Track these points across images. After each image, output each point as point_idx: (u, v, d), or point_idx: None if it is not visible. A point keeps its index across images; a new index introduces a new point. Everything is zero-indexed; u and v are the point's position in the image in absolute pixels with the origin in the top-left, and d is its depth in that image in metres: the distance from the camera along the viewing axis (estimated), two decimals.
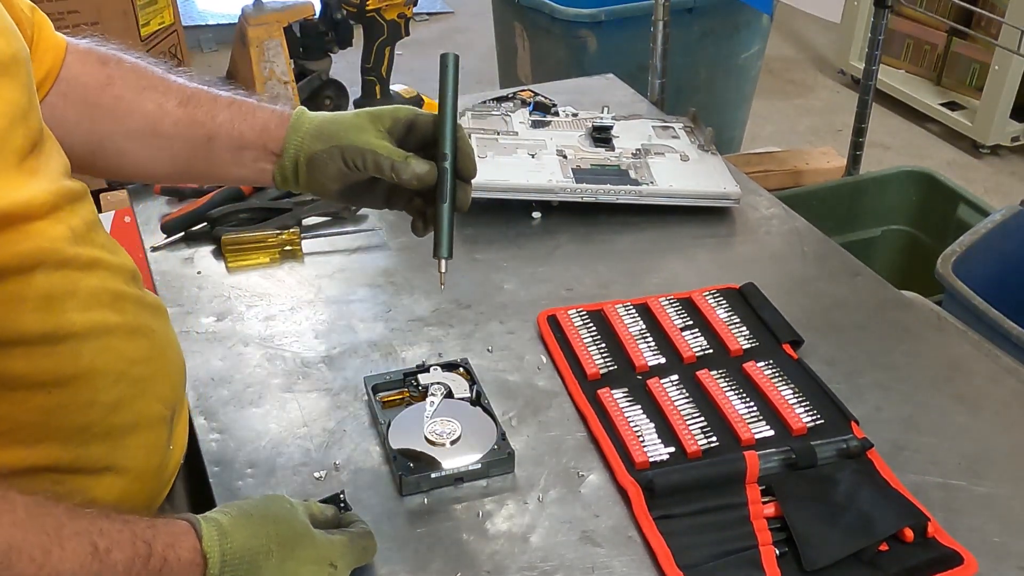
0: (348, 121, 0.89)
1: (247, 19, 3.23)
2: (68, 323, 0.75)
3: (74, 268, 0.76)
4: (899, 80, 3.61)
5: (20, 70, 0.75)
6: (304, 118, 0.91)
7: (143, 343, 0.83)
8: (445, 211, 0.87)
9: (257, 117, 0.91)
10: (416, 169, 0.85)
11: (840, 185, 2.14)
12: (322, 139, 0.89)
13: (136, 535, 0.68)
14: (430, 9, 4.58)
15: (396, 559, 0.86)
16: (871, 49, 2.10)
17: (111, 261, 0.81)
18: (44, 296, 0.73)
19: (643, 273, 1.25)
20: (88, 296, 0.76)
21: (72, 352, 0.75)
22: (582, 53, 2.66)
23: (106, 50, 0.93)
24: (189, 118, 0.91)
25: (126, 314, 0.81)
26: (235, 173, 0.93)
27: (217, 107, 0.91)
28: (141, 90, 0.91)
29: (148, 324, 0.84)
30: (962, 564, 0.85)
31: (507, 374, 1.07)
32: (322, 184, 0.90)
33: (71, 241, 0.76)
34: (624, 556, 0.86)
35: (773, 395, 1.02)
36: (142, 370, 0.82)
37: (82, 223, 0.78)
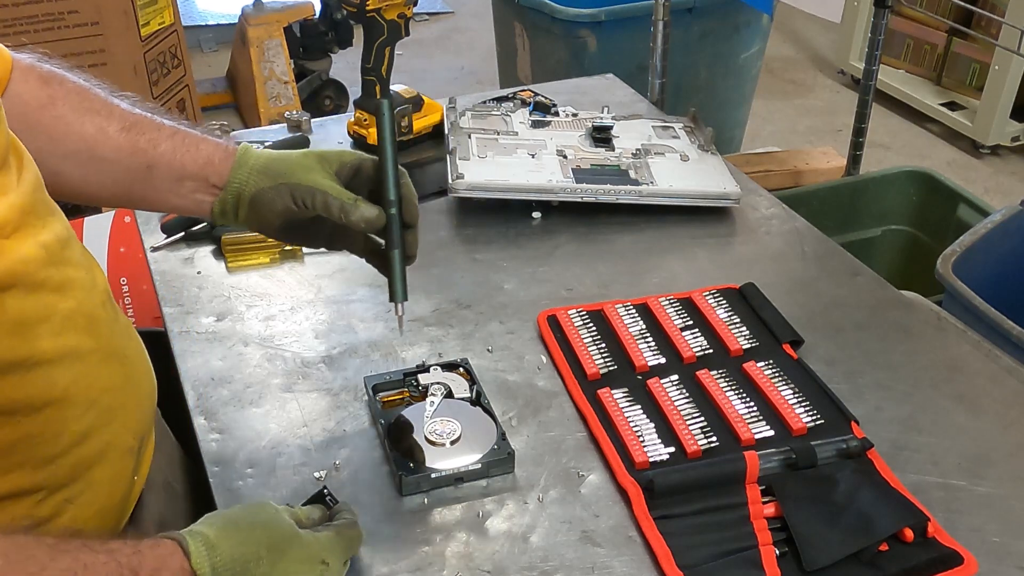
0: (296, 160, 0.89)
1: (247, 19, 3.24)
2: (40, 350, 0.73)
3: (48, 290, 0.74)
4: (899, 80, 3.61)
5: None
6: (250, 154, 0.91)
7: (117, 369, 0.81)
8: (396, 257, 0.89)
9: (200, 150, 0.91)
10: (365, 213, 0.87)
11: (840, 185, 2.15)
12: (269, 176, 0.89)
13: (122, 565, 0.66)
14: (430, 9, 4.58)
15: (396, 559, 0.86)
16: (871, 49, 2.10)
17: (85, 281, 0.79)
18: (16, 321, 0.71)
19: (643, 273, 1.25)
20: (62, 320, 0.74)
21: (45, 380, 0.73)
22: (582, 53, 2.67)
23: (49, 68, 0.91)
24: (131, 145, 0.90)
25: (100, 338, 0.79)
26: (173, 202, 0.92)
27: (160, 136, 0.91)
28: (83, 112, 0.90)
29: (122, 348, 0.83)
30: (962, 564, 0.85)
31: (507, 374, 1.07)
32: (265, 220, 0.90)
33: (44, 261, 0.73)
34: (624, 556, 0.86)
35: (773, 395, 1.02)
36: (114, 398, 0.80)
37: (55, 240, 0.76)
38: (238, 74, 3.44)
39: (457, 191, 1.32)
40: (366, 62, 1.48)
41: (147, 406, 0.88)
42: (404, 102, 1.51)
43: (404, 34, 1.48)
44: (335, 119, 1.62)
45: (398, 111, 1.49)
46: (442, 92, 1.72)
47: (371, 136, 1.50)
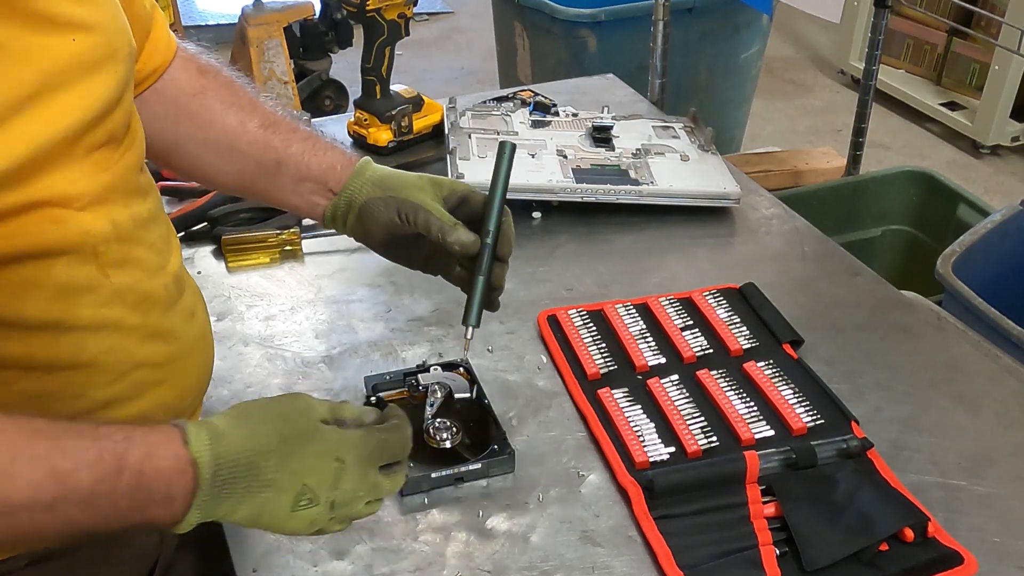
0: (410, 180, 0.94)
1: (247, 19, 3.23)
2: (76, 317, 0.74)
3: (103, 264, 0.75)
4: (899, 80, 3.61)
5: (117, 67, 0.76)
6: (370, 167, 0.96)
7: (160, 348, 0.82)
8: (480, 283, 0.91)
9: (327, 156, 0.96)
10: (462, 236, 0.90)
11: (840, 185, 2.14)
12: (382, 187, 0.93)
13: (104, 450, 0.64)
14: (430, 9, 4.58)
15: (396, 559, 0.86)
16: (871, 49, 2.10)
17: (152, 263, 0.81)
18: (60, 287, 0.72)
19: (643, 273, 1.25)
20: (110, 294, 0.76)
21: (75, 344, 0.75)
22: (582, 53, 2.67)
23: (207, 60, 0.99)
24: (265, 141, 0.96)
25: (150, 316, 0.80)
26: (291, 200, 0.98)
27: (293, 137, 0.97)
28: (229, 105, 0.97)
29: (174, 330, 0.84)
30: (962, 564, 0.85)
31: (507, 374, 1.07)
32: (369, 230, 0.94)
33: (110, 237, 0.75)
34: (624, 556, 0.86)
35: (773, 395, 1.02)
36: (149, 374, 0.81)
37: (130, 220, 0.78)
38: None
39: None
40: (366, 62, 1.48)
41: (190, 386, 0.88)
42: (404, 102, 1.52)
43: (404, 34, 1.48)
44: (335, 119, 1.62)
45: (398, 111, 1.49)
46: (442, 92, 1.72)
47: (370, 136, 1.50)
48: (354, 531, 0.88)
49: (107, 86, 0.75)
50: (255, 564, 0.86)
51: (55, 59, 0.70)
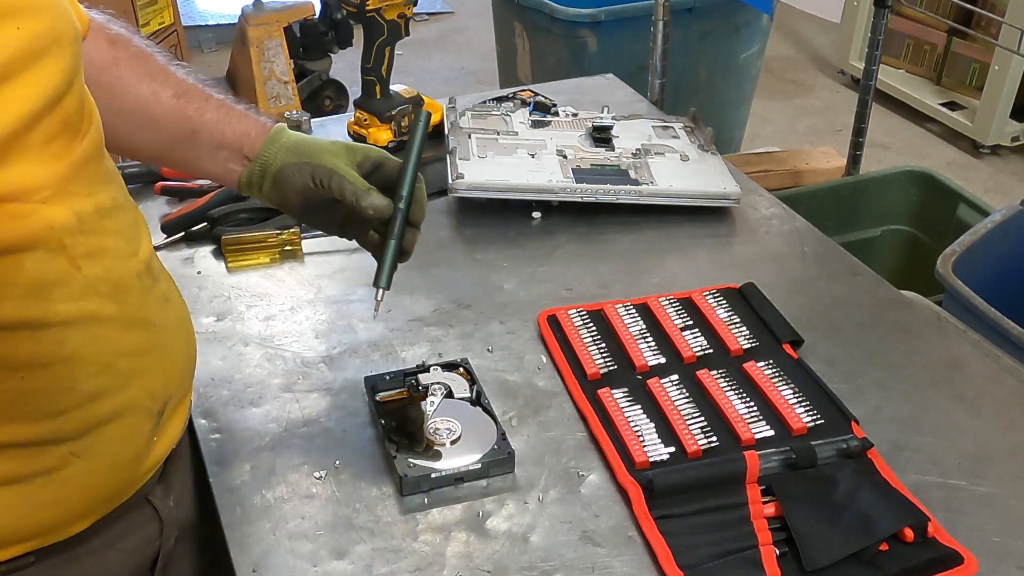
0: (324, 145, 0.96)
1: (247, 19, 3.24)
2: (52, 312, 0.74)
3: (73, 256, 0.75)
4: (899, 80, 3.61)
5: (64, 52, 0.75)
6: (284, 133, 0.98)
7: (139, 336, 0.82)
8: (391, 247, 0.94)
9: (241, 123, 0.97)
10: (375, 201, 0.93)
11: (840, 185, 2.15)
12: (296, 154, 0.96)
13: None
14: (430, 9, 4.58)
15: (396, 559, 0.86)
16: (871, 49, 2.10)
17: (122, 250, 0.80)
18: (32, 283, 0.72)
19: (643, 273, 1.25)
20: (84, 286, 0.75)
21: (54, 340, 0.74)
22: (582, 53, 2.67)
23: (117, 30, 0.98)
24: (180, 110, 0.97)
25: (127, 305, 0.80)
26: (207, 168, 0.99)
27: (208, 106, 0.98)
28: (141, 76, 0.97)
29: (151, 317, 0.84)
30: (962, 564, 0.85)
31: (507, 374, 1.07)
32: (285, 195, 0.96)
33: (74, 229, 0.74)
34: (624, 556, 0.86)
35: (773, 395, 1.02)
36: (132, 363, 0.81)
37: (94, 209, 0.77)
38: (238, 74, 3.44)
39: (457, 191, 1.32)
40: (366, 62, 1.48)
41: (174, 372, 0.88)
42: (404, 102, 1.52)
43: (404, 34, 1.48)
44: (335, 119, 1.62)
45: (398, 111, 1.49)
46: (442, 92, 1.72)
47: (371, 136, 1.50)
48: (354, 531, 0.88)
49: (55, 72, 0.74)
50: (255, 564, 0.86)
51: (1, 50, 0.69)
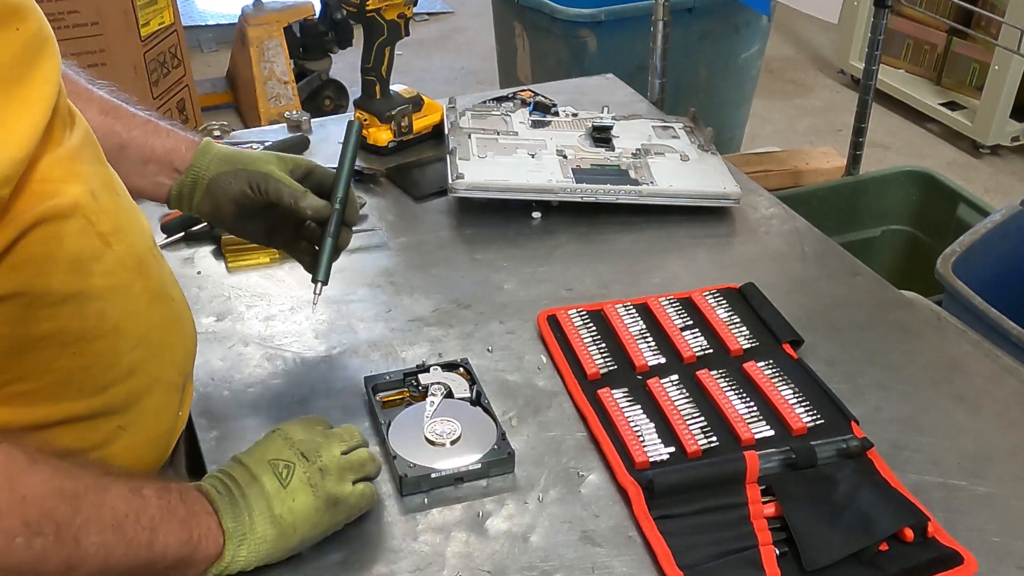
0: (255, 155, 1.01)
1: (247, 19, 3.24)
2: (93, 285, 0.77)
3: (101, 231, 0.78)
4: (899, 80, 3.61)
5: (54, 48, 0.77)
6: (213, 147, 1.02)
7: (163, 309, 0.86)
8: (328, 244, 1.00)
9: (170, 137, 1.01)
10: (313, 202, 0.99)
11: (840, 185, 2.15)
12: (230, 163, 1.00)
13: None
14: (430, 9, 4.58)
15: (396, 559, 0.86)
16: (871, 49, 2.10)
17: (134, 227, 0.84)
18: (72, 258, 0.75)
19: (643, 273, 1.25)
20: (115, 260, 0.79)
21: (97, 313, 0.78)
22: (582, 53, 2.67)
23: None
24: (107, 127, 0.98)
25: (149, 279, 0.84)
26: (135, 183, 0.98)
27: (135, 122, 1.01)
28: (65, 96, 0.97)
29: (168, 291, 0.88)
30: (962, 564, 0.85)
31: (507, 374, 1.07)
32: (218, 205, 1.01)
33: (93, 206, 0.77)
34: (624, 556, 0.86)
35: (773, 395, 1.02)
36: (161, 335, 0.85)
37: (102, 187, 0.80)
38: (238, 74, 3.44)
39: (457, 191, 1.32)
40: (366, 62, 1.48)
41: (190, 347, 0.93)
42: (404, 102, 1.52)
43: (404, 34, 1.48)
44: (335, 119, 1.63)
45: (398, 111, 1.49)
46: (442, 92, 1.72)
47: (371, 136, 1.50)
48: (354, 531, 0.88)
49: (53, 69, 0.75)
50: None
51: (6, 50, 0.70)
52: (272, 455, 0.83)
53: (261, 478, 0.81)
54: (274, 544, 0.80)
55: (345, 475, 0.84)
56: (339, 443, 0.86)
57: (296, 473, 0.81)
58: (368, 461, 0.87)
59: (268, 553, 0.80)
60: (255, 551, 0.79)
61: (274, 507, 0.80)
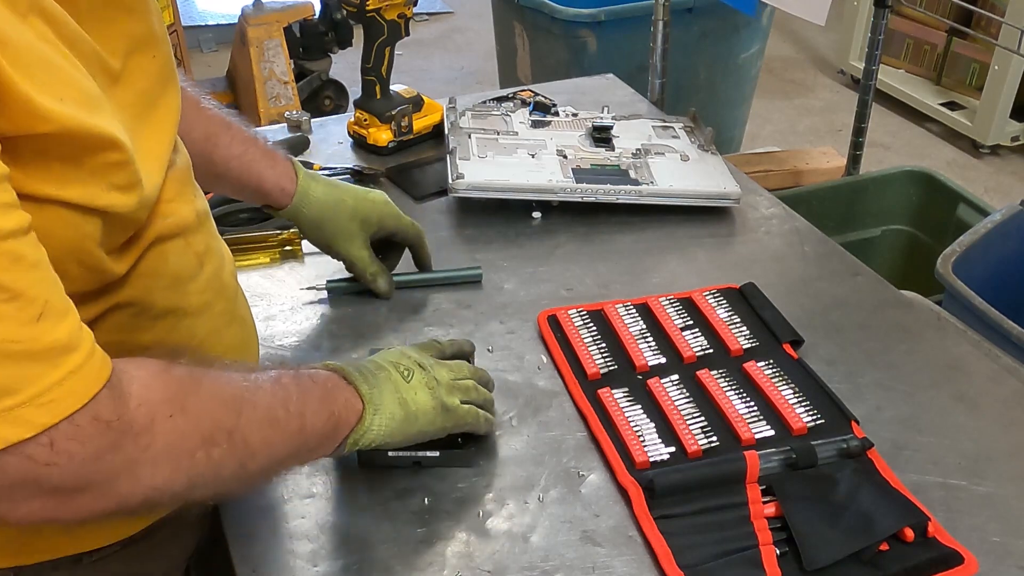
0: (340, 227, 1.11)
1: (247, 19, 3.23)
2: (187, 303, 0.81)
3: (197, 251, 0.82)
4: (899, 80, 3.61)
5: (176, 77, 0.81)
6: (303, 210, 1.08)
7: (239, 332, 0.90)
8: None
9: (263, 178, 1.06)
10: (380, 287, 1.16)
11: (840, 185, 2.14)
12: (318, 228, 1.11)
13: None
14: (430, 9, 4.58)
15: (396, 559, 0.86)
16: (871, 49, 2.10)
17: (222, 251, 0.89)
18: (173, 275, 0.79)
19: (643, 273, 1.25)
20: (205, 280, 0.83)
21: (189, 329, 0.82)
22: (582, 53, 2.67)
23: None
24: (206, 155, 1.00)
25: (229, 302, 0.88)
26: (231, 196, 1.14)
27: (231, 153, 1.03)
28: None
29: (242, 314, 0.92)
30: (963, 564, 0.85)
31: (507, 374, 1.07)
32: None
33: (194, 227, 0.82)
34: (624, 556, 0.86)
35: (773, 395, 1.02)
36: (235, 355, 0.88)
37: (204, 210, 0.85)
38: (238, 74, 3.44)
39: (457, 191, 1.32)
40: (366, 62, 1.48)
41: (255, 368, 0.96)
42: (404, 102, 1.52)
43: (404, 34, 1.48)
44: (335, 119, 1.62)
45: (398, 111, 1.49)
46: (442, 92, 1.72)
47: (370, 136, 1.50)
48: (354, 531, 0.88)
49: (175, 96, 0.79)
50: (255, 564, 0.86)
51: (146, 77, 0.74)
52: (393, 359, 0.89)
53: (388, 368, 0.87)
54: (400, 425, 0.85)
55: (453, 391, 0.91)
56: (447, 370, 0.93)
57: (416, 375, 0.88)
58: (472, 389, 0.93)
59: (392, 432, 0.85)
60: (385, 425, 0.84)
61: (401, 391, 0.86)
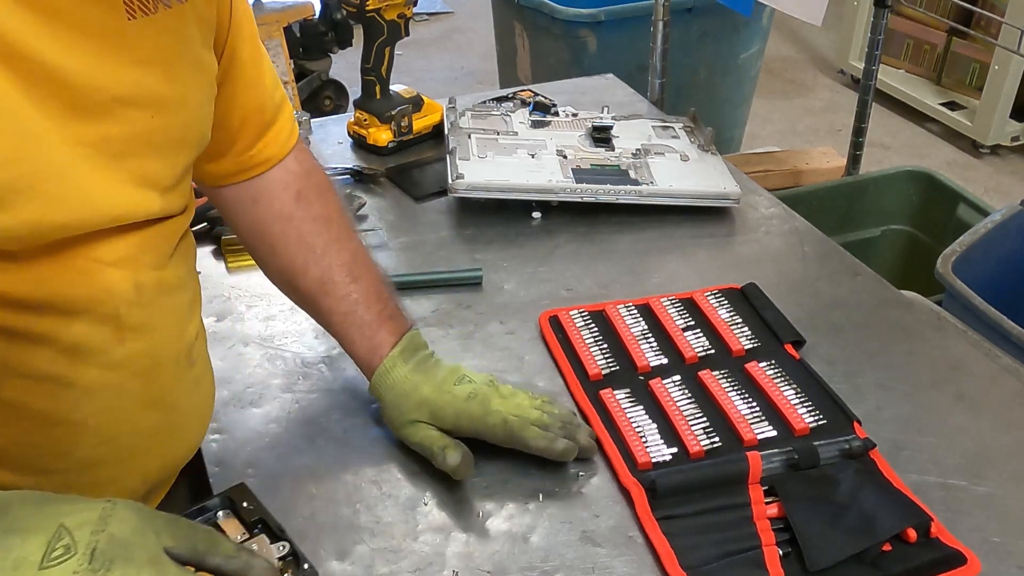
0: (406, 416, 0.94)
1: None
2: (80, 376, 0.72)
3: (122, 327, 0.73)
4: (899, 80, 3.61)
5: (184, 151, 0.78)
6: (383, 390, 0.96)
7: (156, 418, 0.80)
8: None
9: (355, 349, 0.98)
10: (449, 462, 0.91)
11: (840, 185, 2.14)
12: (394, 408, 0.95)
13: None
14: (430, 9, 4.58)
15: (396, 559, 0.86)
16: (871, 49, 2.10)
17: (170, 330, 0.79)
18: (73, 344, 0.71)
19: (643, 273, 1.25)
20: (121, 358, 0.74)
21: (72, 402, 0.73)
22: (582, 53, 2.67)
23: (310, 184, 0.98)
24: (314, 301, 0.98)
25: (154, 385, 0.79)
26: None
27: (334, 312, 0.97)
28: (301, 247, 0.97)
29: (174, 400, 0.82)
30: (965, 564, 0.85)
31: (507, 374, 1.07)
32: None
33: (130, 300, 0.73)
34: (625, 556, 0.86)
35: (775, 395, 1.01)
36: (138, 441, 0.80)
37: (157, 284, 0.76)
38: None
39: (457, 191, 1.32)
40: (366, 62, 1.48)
41: (177, 457, 0.88)
42: (404, 102, 1.52)
43: (404, 34, 1.48)
44: (335, 119, 1.62)
45: (398, 111, 1.49)
46: (442, 92, 1.72)
47: (370, 136, 1.50)
48: (354, 531, 0.88)
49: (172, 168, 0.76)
50: None
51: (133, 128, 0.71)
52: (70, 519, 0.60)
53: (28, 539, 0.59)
54: None
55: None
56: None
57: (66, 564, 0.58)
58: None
59: None
60: None
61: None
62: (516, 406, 0.93)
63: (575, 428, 0.95)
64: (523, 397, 0.95)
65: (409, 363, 0.95)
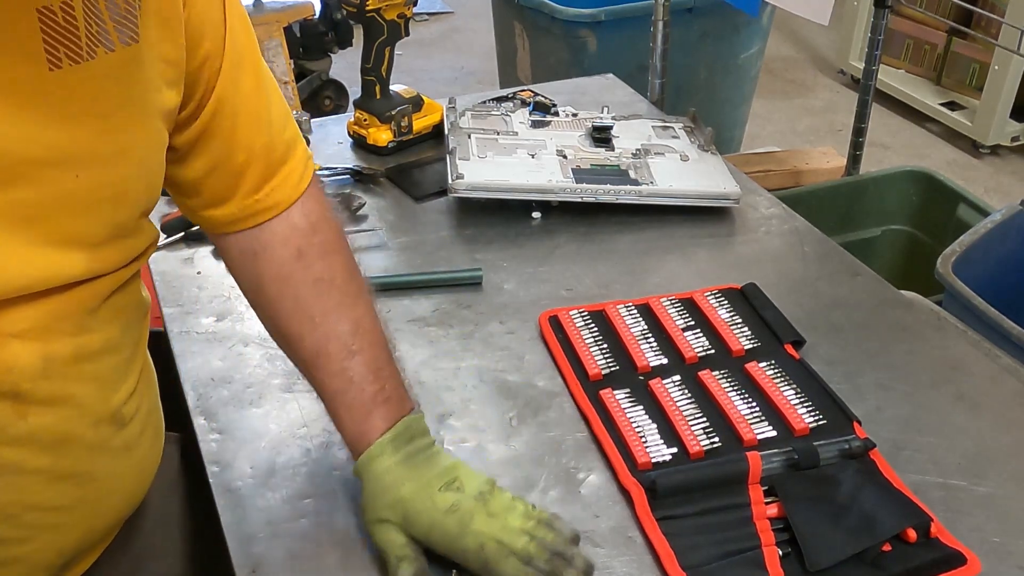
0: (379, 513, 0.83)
1: None
2: None
3: (24, 402, 0.68)
4: (899, 80, 3.61)
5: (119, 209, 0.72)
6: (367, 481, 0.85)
7: (67, 490, 0.74)
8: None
9: (344, 431, 0.87)
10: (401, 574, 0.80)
11: (840, 185, 2.14)
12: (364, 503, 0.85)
13: None
14: (430, 9, 4.58)
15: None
16: (871, 49, 2.10)
17: (89, 398, 0.73)
18: None
19: (643, 273, 1.25)
20: (22, 434, 0.68)
21: None
22: (582, 53, 2.66)
23: (311, 241, 0.88)
24: (307, 370, 0.89)
25: (65, 459, 0.73)
26: None
27: (325, 387, 0.88)
28: (296, 311, 0.87)
29: (92, 471, 0.76)
30: (965, 564, 0.85)
31: (507, 374, 1.07)
32: None
33: (37, 374, 0.68)
34: (624, 556, 0.86)
35: (775, 395, 1.01)
36: (46, 517, 0.74)
37: (73, 353, 0.70)
38: None
39: (457, 191, 1.32)
40: (366, 62, 1.48)
41: (97, 529, 0.82)
42: (404, 102, 1.51)
43: (404, 34, 1.48)
44: (335, 119, 1.62)
45: (398, 111, 1.49)
46: (442, 92, 1.72)
47: (370, 136, 1.50)
48: (355, 531, 0.88)
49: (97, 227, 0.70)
50: (255, 564, 0.86)
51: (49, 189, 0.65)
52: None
53: None
54: None
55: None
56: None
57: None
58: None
59: None
60: None
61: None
62: (502, 528, 0.80)
63: (565, 563, 0.80)
64: (516, 516, 0.81)
65: (399, 453, 0.84)
